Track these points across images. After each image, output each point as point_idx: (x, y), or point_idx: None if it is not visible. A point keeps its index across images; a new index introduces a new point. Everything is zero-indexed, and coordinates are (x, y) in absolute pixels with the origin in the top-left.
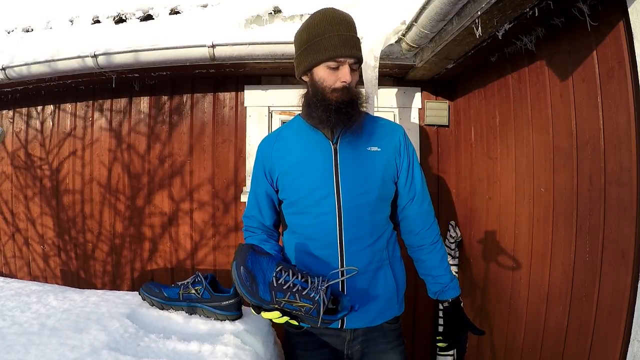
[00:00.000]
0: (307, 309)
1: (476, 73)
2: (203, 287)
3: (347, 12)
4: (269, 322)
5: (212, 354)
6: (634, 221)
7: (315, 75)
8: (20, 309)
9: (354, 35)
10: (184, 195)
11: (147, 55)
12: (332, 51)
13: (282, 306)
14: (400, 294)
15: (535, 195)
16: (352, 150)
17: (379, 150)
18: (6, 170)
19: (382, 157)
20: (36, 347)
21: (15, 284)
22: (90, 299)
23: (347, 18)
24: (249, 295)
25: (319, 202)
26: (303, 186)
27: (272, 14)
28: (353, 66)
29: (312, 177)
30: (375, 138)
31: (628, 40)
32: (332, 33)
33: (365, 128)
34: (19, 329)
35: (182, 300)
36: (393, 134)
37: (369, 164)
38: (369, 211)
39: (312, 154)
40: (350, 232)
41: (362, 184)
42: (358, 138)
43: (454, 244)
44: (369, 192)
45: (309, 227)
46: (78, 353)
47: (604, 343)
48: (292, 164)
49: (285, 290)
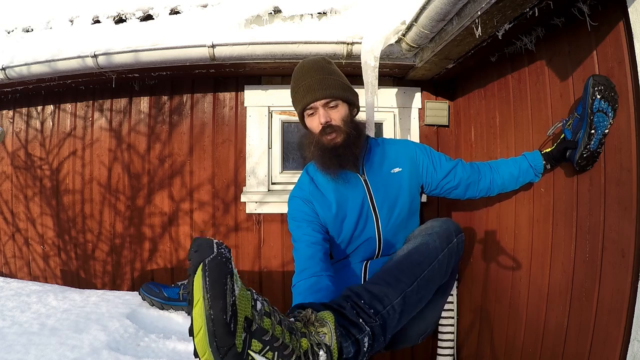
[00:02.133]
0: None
1: (476, 73)
2: None
3: (319, 57)
4: None
5: None
6: (634, 221)
7: (307, 125)
8: (20, 309)
9: (322, 77)
10: (184, 195)
11: (147, 55)
12: (302, 102)
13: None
14: None
15: (535, 195)
16: (379, 176)
17: (401, 170)
18: (6, 170)
19: (405, 176)
20: (36, 347)
21: (15, 284)
22: (90, 299)
23: (313, 65)
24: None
25: (361, 232)
26: (347, 225)
27: (272, 14)
28: (330, 104)
29: (353, 215)
30: (393, 159)
31: (628, 40)
32: (299, 85)
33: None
34: (19, 329)
35: (182, 300)
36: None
37: (396, 185)
38: (404, 226)
39: (346, 192)
40: (387, 249)
41: (395, 206)
42: (379, 163)
43: None
44: (402, 212)
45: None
46: (78, 353)
47: (604, 343)
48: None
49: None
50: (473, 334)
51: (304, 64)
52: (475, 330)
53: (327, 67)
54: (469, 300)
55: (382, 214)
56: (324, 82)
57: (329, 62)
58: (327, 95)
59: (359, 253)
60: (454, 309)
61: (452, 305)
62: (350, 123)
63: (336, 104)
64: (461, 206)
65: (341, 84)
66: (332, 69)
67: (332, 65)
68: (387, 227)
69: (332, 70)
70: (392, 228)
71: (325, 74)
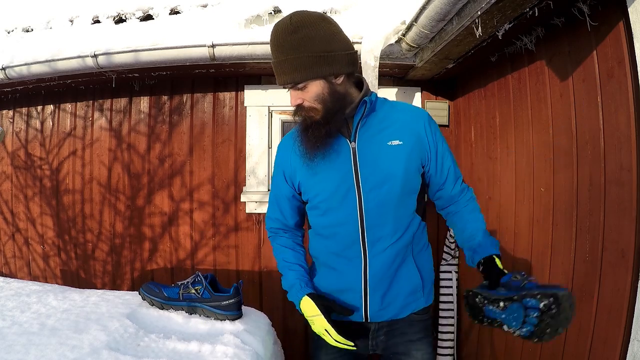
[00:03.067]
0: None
1: (476, 73)
2: (203, 287)
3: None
4: (269, 322)
5: (212, 354)
6: (634, 221)
7: None
8: (20, 309)
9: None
10: (184, 195)
11: (147, 55)
12: (277, 80)
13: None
14: (427, 285)
15: (535, 195)
16: (372, 146)
17: (401, 144)
18: (6, 170)
19: (404, 151)
20: (36, 347)
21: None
22: (90, 299)
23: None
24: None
25: (341, 204)
26: (324, 189)
27: (272, 14)
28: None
29: (332, 179)
30: (396, 130)
31: (628, 40)
32: (273, 60)
33: (386, 119)
34: (19, 329)
35: (182, 300)
36: (415, 123)
37: (390, 159)
38: (392, 208)
39: (331, 156)
40: (372, 231)
41: (384, 181)
42: (378, 132)
43: (454, 244)
44: (391, 189)
45: (331, 228)
46: (78, 353)
47: (604, 343)
48: (310, 170)
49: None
50: (473, 334)
51: (272, 36)
52: (475, 330)
53: (293, 41)
54: None
55: (365, 186)
56: (284, 66)
57: (295, 30)
58: (290, 81)
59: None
60: (453, 309)
61: (452, 305)
62: (328, 97)
63: (304, 85)
64: None
65: (310, 59)
66: (300, 38)
67: (301, 31)
68: (370, 203)
69: (300, 42)
70: (376, 207)
71: (290, 51)
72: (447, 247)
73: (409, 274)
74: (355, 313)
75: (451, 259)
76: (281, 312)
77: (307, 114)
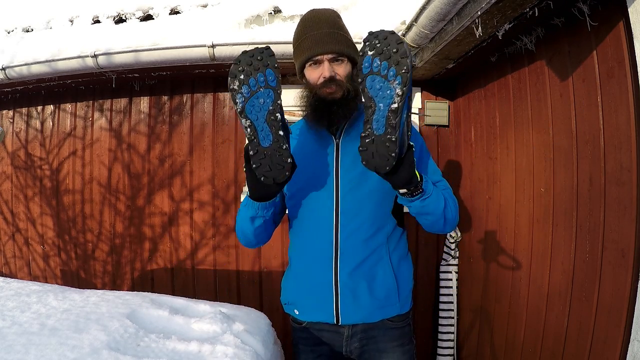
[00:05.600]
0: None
1: (476, 73)
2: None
3: (330, 9)
4: (269, 322)
5: (212, 354)
6: (634, 221)
7: (306, 76)
8: (20, 309)
9: (332, 31)
10: (184, 195)
11: (147, 55)
12: (307, 52)
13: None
14: (403, 292)
15: (535, 195)
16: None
17: None
18: (6, 170)
19: None
20: (36, 347)
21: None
22: (90, 299)
23: (324, 16)
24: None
25: (318, 195)
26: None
27: (272, 14)
28: (337, 60)
29: (310, 169)
30: None
31: (628, 40)
32: (307, 34)
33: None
34: (19, 329)
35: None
36: None
37: None
38: (368, 203)
39: (313, 148)
40: (346, 225)
41: (362, 177)
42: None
43: (454, 244)
44: (368, 186)
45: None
46: (78, 353)
47: (604, 343)
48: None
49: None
50: (473, 334)
51: (315, 12)
52: (475, 330)
53: (337, 22)
54: (469, 300)
55: (343, 180)
56: (334, 36)
57: (339, 17)
58: (336, 50)
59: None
60: (454, 309)
61: (452, 305)
62: (352, 81)
63: (342, 60)
64: (461, 207)
65: (349, 40)
66: (342, 24)
67: (341, 20)
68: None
69: (342, 26)
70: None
71: (336, 28)
72: (447, 247)
73: (384, 275)
74: (326, 312)
75: (451, 259)
76: (281, 312)
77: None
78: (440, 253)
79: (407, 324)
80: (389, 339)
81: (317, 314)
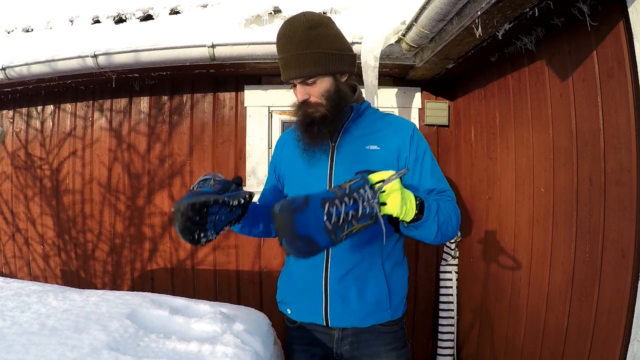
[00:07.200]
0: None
1: (476, 73)
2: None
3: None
4: (269, 322)
5: (212, 354)
6: (634, 221)
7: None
8: (20, 309)
9: (300, 53)
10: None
11: (147, 55)
12: (282, 75)
13: (345, 238)
14: (395, 299)
15: (535, 195)
16: (350, 148)
17: (378, 149)
18: (6, 170)
19: (380, 156)
20: (36, 347)
21: (15, 284)
22: (90, 299)
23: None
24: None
25: None
26: (298, 185)
27: (272, 14)
28: (308, 81)
29: (307, 174)
30: (378, 136)
31: (628, 40)
32: (280, 55)
33: (370, 126)
34: (19, 329)
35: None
36: (398, 132)
37: (365, 161)
38: None
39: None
40: None
41: None
42: (360, 137)
43: (454, 244)
44: None
45: None
46: (78, 353)
47: (604, 343)
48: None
49: (342, 224)
50: (473, 334)
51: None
52: (475, 330)
53: (308, 37)
54: (469, 300)
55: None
56: (301, 59)
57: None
58: (304, 75)
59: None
60: (454, 309)
61: (452, 305)
62: (333, 95)
63: (314, 80)
64: (461, 207)
65: (323, 55)
66: (315, 35)
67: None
68: None
69: (314, 39)
70: None
71: (304, 47)
72: (447, 247)
73: (375, 282)
74: (316, 315)
75: (451, 259)
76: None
77: (311, 110)
78: (440, 253)
79: (401, 328)
80: (381, 343)
81: (308, 316)
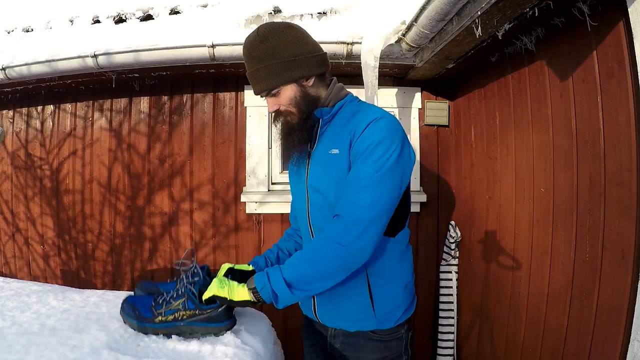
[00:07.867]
0: (183, 305)
1: (476, 73)
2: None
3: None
4: (269, 322)
5: (212, 354)
6: (634, 221)
7: None
8: (20, 309)
9: (257, 68)
10: (184, 195)
11: (147, 55)
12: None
13: (167, 315)
14: (382, 310)
15: (535, 195)
16: (319, 155)
17: (337, 153)
18: (6, 170)
19: (339, 160)
20: (36, 347)
21: (15, 284)
22: (90, 299)
23: (251, 49)
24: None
25: (300, 206)
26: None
27: (272, 14)
28: (271, 93)
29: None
30: (340, 135)
31: (628, 40)
32: (248, 71)
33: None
34: (19, 329)
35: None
36: (352, 129)
37: (327, 168)
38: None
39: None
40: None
41: (322, 189)
42: (330, 140)
43: (454, 244)
44: (327, 197)
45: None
46: (78, 353)
47: (604, 343)
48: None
49: (162, 302)
50: (473, 334)
51: (243, 50)
52: (475, 330)
53: (260, 51)
54: (469, 300)
55: (310, 191)
56: (257, 75)
57: (263, 40)
58: (264, 89)
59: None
60: (454, 309)
61: (452, 305)
62: (300, 101)
63: (277, 91)
64: (461, 207)
65: (278, 65)
66: (266, 48)
67: (268, 40)
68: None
69: (266, 51)
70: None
71: (259, 62)
72: (447, 247)
73: (356, 289)
74: (309, 310)
75: (451, 259)
76: (281, 312)
77: (286, 119)
78: (440, 253)
79: (395, 338)
80: (370, 350)
81: (305, 309)
